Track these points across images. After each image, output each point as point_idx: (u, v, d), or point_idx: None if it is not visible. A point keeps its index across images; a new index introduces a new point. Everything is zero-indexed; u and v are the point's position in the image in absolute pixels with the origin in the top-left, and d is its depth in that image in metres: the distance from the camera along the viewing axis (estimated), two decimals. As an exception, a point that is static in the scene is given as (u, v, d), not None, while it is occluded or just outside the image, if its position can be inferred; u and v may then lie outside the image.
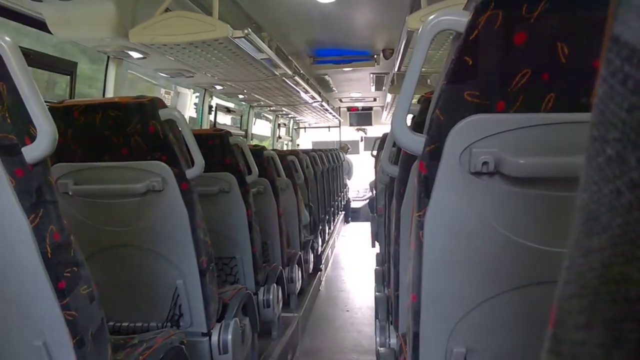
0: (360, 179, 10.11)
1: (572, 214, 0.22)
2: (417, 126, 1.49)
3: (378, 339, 2.06)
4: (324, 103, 6.57)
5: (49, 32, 2.22)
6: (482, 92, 0.88)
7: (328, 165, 6.40)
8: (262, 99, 5.04)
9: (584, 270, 0.21)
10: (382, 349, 1.91)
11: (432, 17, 0.89)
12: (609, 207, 0.19)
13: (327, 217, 6.02)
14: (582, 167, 0.21)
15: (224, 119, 5.26)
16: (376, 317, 2.33)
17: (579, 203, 0.22)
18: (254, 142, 6.28)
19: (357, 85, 6.78)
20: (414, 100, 1.57)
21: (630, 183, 0.18)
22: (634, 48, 0.18)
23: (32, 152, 0.99)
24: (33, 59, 2.27)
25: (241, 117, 5.87)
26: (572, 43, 0.83)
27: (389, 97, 6.62)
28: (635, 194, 0.18)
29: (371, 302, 3.77)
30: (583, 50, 0.82)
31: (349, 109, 9.57)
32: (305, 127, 10.06)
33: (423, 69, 0.96)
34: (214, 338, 1.97)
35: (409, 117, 1.38)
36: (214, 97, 4.61)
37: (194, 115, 4.69)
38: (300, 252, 3.92)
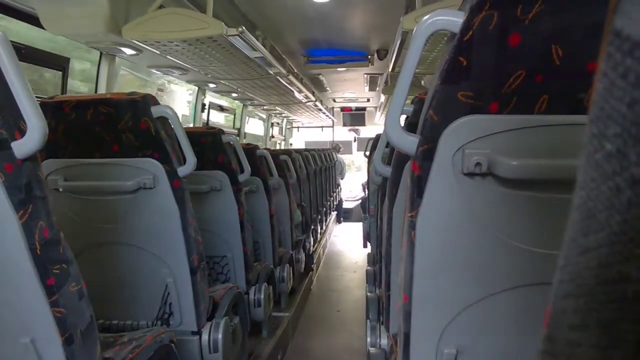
0: (353, 179, 10.12)
1: (565, 215, 0.22)
2: (410, 126, 1.49)
3: (369, 339, 2.06)
4: (317, 103, 6.57)
5: (41, 27, 2.21)
6: (476, 92, 0.88)
7: (321, 165, 6.40)
8: (256, 97, 5.03)
9: (580, 269, 0.20)
10: (372, 349, 1.91)
11: (426, 17, 0.89)
12: (607, 205, 0.19)
13: (319, 216, 6.02)
14: (579, 164, 0.21)
15: (217, 118, 5.24)
16: (367, 317, 2.33)
17: (575, 201, 0.21)
18: (246, 140, 6.26)
19: (350, 85, 6.78)
20: (408, 101, 1.57)
21: (630, 179, 0.18)
22: (636, 41, 0.18)
23: (22, 147, 0.98)
24: (25, 53, 2.25)
25: (234, 115, 5.85)
26: (567, 45, 0.83)
27: (383, 97, 6.63)
28: (635, 190, 0.18)
29: (362, 302, 3.78)
30: (577, 52, 0.82)
31: (343, 109, 9.58)
32: (298, 127, 10.05)
33: (417, 70, 0.96)
34: (204, 337, 1.96)
35: (402, 117, 1.38)
36: (207, 95, 4.60)
37: (187, 112, 4.67)
38: (291, 252, 3.92)
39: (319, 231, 6.05)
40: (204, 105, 4.58)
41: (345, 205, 9.57)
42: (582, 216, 0.21)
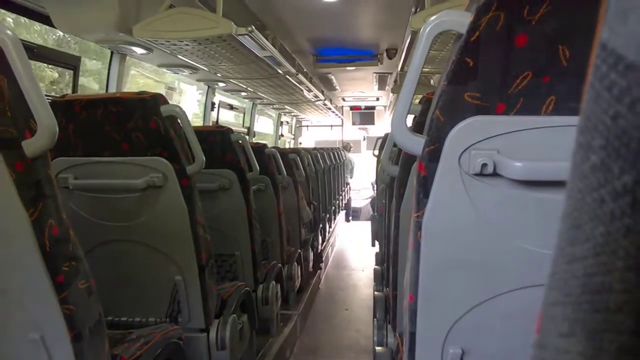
0: (362, 178, 10.11)
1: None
2: (418, 126, 1.49)
3: (375, 338, 2.06)
4: (326, 101, 6.57)
5: (52, 26, 2.23)
6: (483, 93, 0.87)
7: (330, 163, 6.40)
8: (265, 96, 5.04)
9: (567, 278, 0.20)
10: (379, 348, 1.91)
11: (433, 17, 0.89)
12: (592, 216, 0.19)
13: (327, 215, 6.02)
14: (568, 174, 0.21)
15: (227, 116, 5.26)
16: (374, 316, 2.33)
17: (563, 210, 0.22)
18: (256, 139, 6.27)
19: (360, 84, 6.77)
20: (416, 101, 1.56)
21: (613, 192, 0.18)
22: (620, 55, 0.18)
23: (32, 146, 0.99)
24: (36, 52, 2.27)
25: (244, 114, 5.87)
26: (574, 46, 0.82)
27: (392, 96, 6.62)
28: (617, 203, 0.18)
29: (370, 301, 3.78)
30: (584, 53, 0.82)
31: (352, 107, 9.57)
32: (307, 126, 10.05)
33: (426, 69, 0.96)
34: (212, 334, 1.97)
35: (410, 117, 1.37)
36: (216, 94, 4.62)
37: (197, 111, 4.69)
38: (300, 250, 3.92)
39: (328, 230, 6.05)
40: (213, 104, 4.60)
41: (354, 204, 9.56)
42: (569, 226, 0.21)
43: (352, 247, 6.94)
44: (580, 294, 0.20)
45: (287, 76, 3.86)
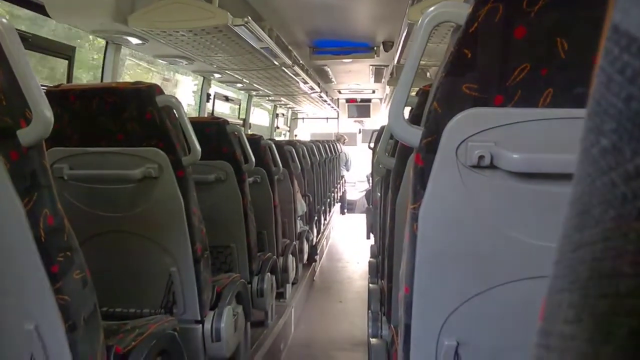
0: (357, 171, 10.12)
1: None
2: (414, 118, 1.49)
3: (370, 330, 2.07)
4: (322, 94, 6.55)
5: (47, 15, 2.20)
6: (480, 85, 0.87)
7: (325, 156, 6.40)
8: (261, 88, 5.02)
9: (574, 264, 0.20)
10: (373, 340, 1.92)
11: (431, 8, 0.88)
12: (602, 200, 0.19)
13: (323, 208, 6.02)
14: (576, 159, 0.21)
15: (223, 108, 5.24)
16: (369, 308, 2.34)
17: (571, 196, 0.21)
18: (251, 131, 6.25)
19: (356, 76, 6.76)
20: (413, 93, 1.56)
21: (625, 175, 0.18)
22: (634, 37, 0.18)
23: (27, 135, 0.98)
24: (31, 42, 2.25)
25: (239, 106, 5.84)
26: (572, 39, 0.82)
27: (388, 89, 6.61)
28: (629, 186, 0.18)
29: (364, 293, 3.79)
30: (583, 46, 0.82)
31: (348, 100, 9.55)
32: (303, 118, 10.03)
33: (423, 62, 0.96)
34: (207, 326, 1.97)
35: (407, 109, 1.37)
36: (212, 85, 4.59)
37: (192, 102, 4.66)
38: (295, 243, 3.93)
39: (323, 222, 6.06)
40: (209, 95, 4.57)
41: (350, 196, 9.58)
42: (577, 211, 0.21)
43: (347, 240, 6.95)
44: (587, 279, 0.20)
45: (283, 68, 3.85)
